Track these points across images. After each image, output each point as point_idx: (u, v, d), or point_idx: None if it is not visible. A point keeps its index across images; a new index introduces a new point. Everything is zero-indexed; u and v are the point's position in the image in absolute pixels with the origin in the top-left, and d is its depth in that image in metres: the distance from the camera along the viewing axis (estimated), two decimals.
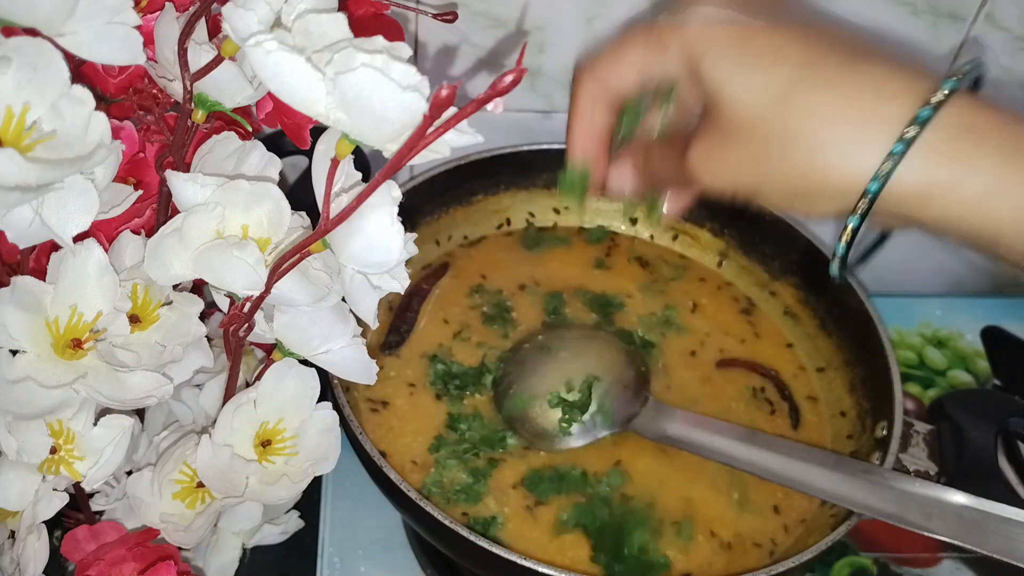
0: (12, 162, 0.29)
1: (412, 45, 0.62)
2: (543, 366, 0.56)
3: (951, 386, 0.70)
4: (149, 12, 0.39)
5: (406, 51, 0.30)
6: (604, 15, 0.61)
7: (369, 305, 0.35)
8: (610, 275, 0.64)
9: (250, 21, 0.31)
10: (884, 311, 0.58)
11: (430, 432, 0.54)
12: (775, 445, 0.52)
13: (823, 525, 0.51)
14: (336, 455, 0.42)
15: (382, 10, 0.44)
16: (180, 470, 0.41)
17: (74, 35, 0.31)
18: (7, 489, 0.38)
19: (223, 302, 0.39)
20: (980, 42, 0.63)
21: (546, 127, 0.67)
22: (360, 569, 0.57)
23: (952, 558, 0.60)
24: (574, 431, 0.53)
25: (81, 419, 0.37)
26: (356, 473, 0.50)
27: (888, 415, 0.52)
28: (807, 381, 0.60)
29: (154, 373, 0.37)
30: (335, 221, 0.32)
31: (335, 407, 0.42)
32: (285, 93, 0.30)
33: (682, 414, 0.54)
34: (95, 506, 0.43)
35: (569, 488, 0.52)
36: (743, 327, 0.63)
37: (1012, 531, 0.45)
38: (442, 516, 0.45)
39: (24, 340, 0.35)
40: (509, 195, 0.66)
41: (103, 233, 0.39)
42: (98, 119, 0.32)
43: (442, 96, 0.27)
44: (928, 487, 0.47)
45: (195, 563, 0.46)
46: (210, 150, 0.40)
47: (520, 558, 0.44)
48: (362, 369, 0.40)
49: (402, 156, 0.30)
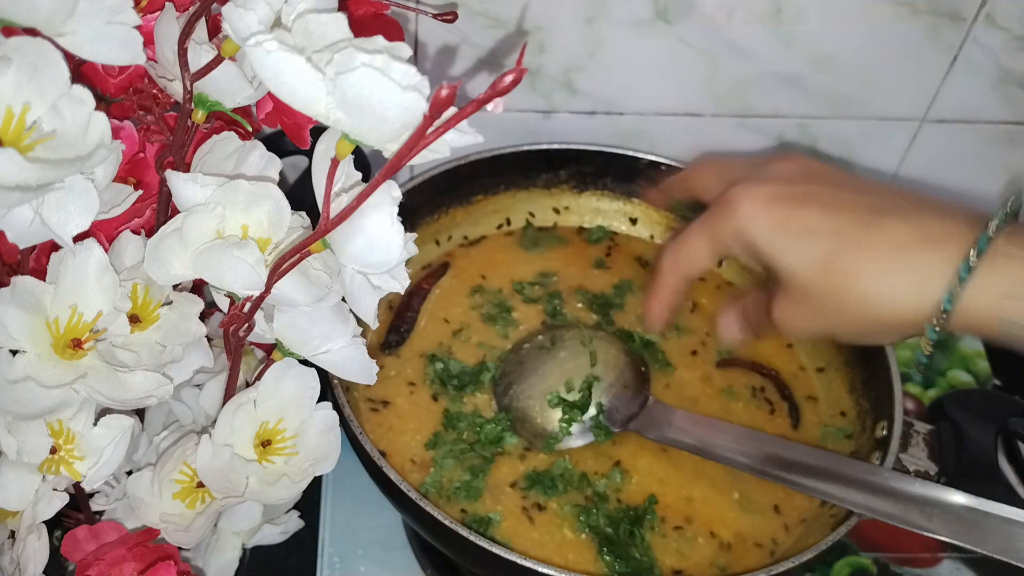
0: (12, 162, 0.29)
1: (412, 45, 0.62)
2: (543, 366, 0.56)
3: (951, 386, 0.70)
4: (149, 12, 0.39)
5: (406, 51, 0.30)
6: (604, 15, 0.61)
7: (369, 305, 0.35)
8: (610, 275, 0.64)
9: (250, 21, 0.31)
10: None
11: (430, 432, 0.54)
12: (775, 445, 0.52)
13: (823, 525, 0.51)
14: (336, 455, 0.42)
15: (382, 10, 0.44)
16: (180, 470, 0.41)
17: (74, 35, 0.31)
18: (7, 489, 0.38)
19: (223, 302, 0.39)
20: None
21: (546, 127, 0.67)
22: (360, 569, 0.57)
23: (952, 558, 0.60)
24: (574, 431, 0.53)
25: (81, 419, 0.37)
26: (356, 473, 0.50)
27: (888, 415, 0.52)
28: (807, 381, 0.60)
29: (154, 373, 0.37)
30: (335, 221, 0.32)
31: (335, 407, 0.42)
32: (285, 93, 0.30)
33: (682, 414, 0.54)
34: (95, 506, 0.43)
35: (569, 488, 0.52)
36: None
37: (1012, 531, 0.45)
38: (442, 516, 0.45)
39: (24, 340, 0.35)
40: (509, 195, 0.66)
41: (103, 233, 0.39)
42: (98, 119, 0.32)
43: (442, 96, 0.27)
44: (928, 487, 0.47)
45: (195, 563, 0.46)
46: (210, 150, 0.40)
47: (520, 558, 0.44)
48: (362, 369, 0.40)
49: (402, 156, 0.30)
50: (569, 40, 0.62)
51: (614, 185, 0.67)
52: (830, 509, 0.51)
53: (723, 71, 0.64)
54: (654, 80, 0.65)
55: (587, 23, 0.62)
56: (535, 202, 0.67)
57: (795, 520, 0.53)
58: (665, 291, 0.51)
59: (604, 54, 0.63)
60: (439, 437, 0.54)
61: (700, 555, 0.51)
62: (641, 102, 0.66)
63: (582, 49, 0.63)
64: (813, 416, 0.58)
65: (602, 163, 0.66)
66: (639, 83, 0.65)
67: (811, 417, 0.58)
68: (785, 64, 0.64)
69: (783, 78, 0.65)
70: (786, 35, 0.63)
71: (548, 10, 0.61)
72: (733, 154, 0.68)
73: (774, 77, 0.65)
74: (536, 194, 0.67)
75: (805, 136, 0.69)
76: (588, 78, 0.65)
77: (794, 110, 0.67)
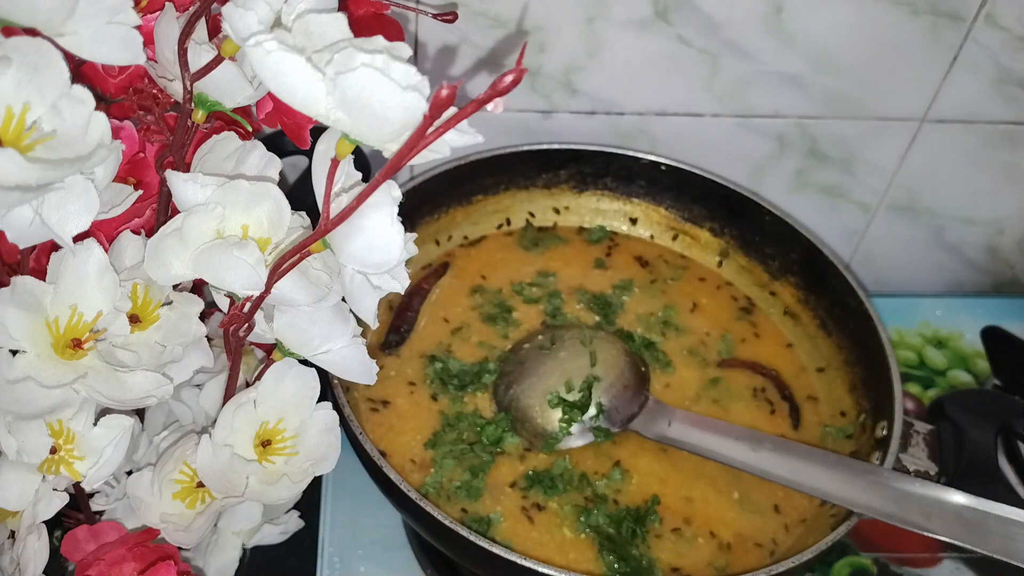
0: (12, 162, 0.29)
1: (412, 45, 0.62)
2: (543, 366, 0.56)
3: (951, 386, 0.70)
4: (149, 12, 0.39)
5: (406, 51, 0.30)
6: (604, 15, 0.61)
7: (369, 305, 0.35)
8: (610, 275, 0.64)
9: (250, 21, 0.31)
10: (884, 311, 0.58)
11: (430, 432, 0.54)
12: (775, 445, 0.52)
13: (823, 525, 0.51)
14: (336, 455, 0.42)
15: (382, 10, 0.44)
16: (180, 470, 0.41)
17: (74, 35, 0.31)
18: (7, 489, 0.37)
19: (223, 302, 0.39)
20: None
21: (546, 127, 0.67)
22: (360, 569, 0.57)
23: (952, 558, 0.60)
24: (574, 431, 0.53)
25: (81, 419, 0.37)
26: (356, 473, 0.50)
27: (888, 415, 0.52)
28: (807, 381, 0.60)
29: (154, 373, 0.37)
30: (335, 221, 0.32)
31: (335, 407, 0.41)
32: (285, 93, 0.30)
33: (682, 414, 0.55)
34: (95, 506, 0.43)
35: (569, 488, 0.52)
36: (743, 327, 0.63)
37: (1012, 531, 0.45)
38: (442, 516, 0.45)
39: (24, 340, 0.35)
40: (509, 195, 0.66)
41: (103, 233, 0.39)
42: (98, 119, 0.32)
43: (442, 96, 0.27)
44: (928, 487, 0.47)
45: (195, 563, 0.46)
46: (210, 150, 0.40)
47: (520, 558, 0.44)
48: (362, 369, 0.40)
49: (402, 156, 0.30)
50: (569, 40, 0.62)
51: (614, 185, 0.67)
52: (830, 509, 0.51)
53: (723, 71, 0.64)
54: (654, 80, 0.65)
55: (587, 23, 0.62)
56: (535, 202, 0.67)
57: (795, 520, 0.53)
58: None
59: (604, 54, 0.63)
60: (439, 437, 0.54)
61: (700, 555, 0.51)
62: (641, 102, 0.66)
63: (582, 49, 0.63)
64: (813, 416, 0.58)
65: (602, 163, 0.66)
66: (639, 83, 0.65)
67: (811, 417, 0.58)
68: (785, 64, 0.64)
69: (783, 78, 0.65)
70: (786, 35, 0.63)
71: (548, 10, 0.61)
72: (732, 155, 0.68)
73: (774, 77, 0.65)
74: (536, 194, 0.67)
75: (805, 136, 0.69)
76: (588, 78, 0.65)
77: (794, 110, 0.67)
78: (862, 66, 0.65)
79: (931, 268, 0.78)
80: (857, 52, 0.64)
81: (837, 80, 0.65)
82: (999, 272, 0.79)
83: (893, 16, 0.62)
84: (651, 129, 0.68)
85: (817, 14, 0.62)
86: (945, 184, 0.72)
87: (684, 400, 0.57)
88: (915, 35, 0.63)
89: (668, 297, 0.63)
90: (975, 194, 0.73)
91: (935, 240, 0.76)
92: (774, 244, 0.64)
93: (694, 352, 0.60)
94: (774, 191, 0.71)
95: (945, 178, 0.72)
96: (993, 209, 0.74)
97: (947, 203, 0.74)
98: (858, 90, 0.66)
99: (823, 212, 0.73)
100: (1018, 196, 0.73)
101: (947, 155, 0.70)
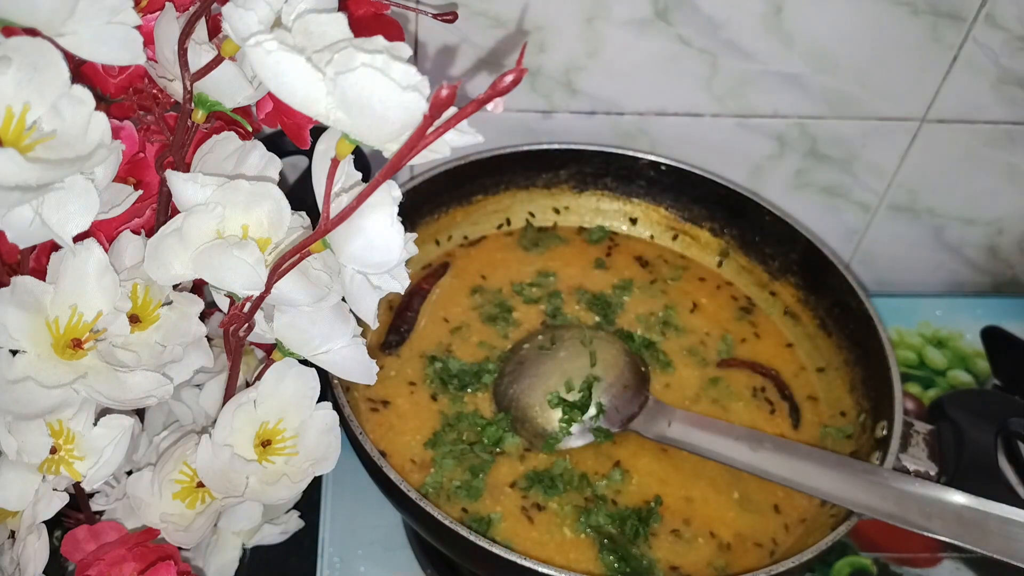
0: (12, 162, 0.29)
1: (412, 45, 0.62)
2: (543, 366, 0.56)
3: (951, 386, 0.70)
4: (149, 12, 0.39)
5: (406, 51, 0.30)
6: (604, 15, 0.61)
7: (369, 305, 0.35)
8: (610, 275, 0.64)
9: (250, 21, 0.31)
10: (884, 311, 0.58)
11: (430, 432, 0.54)
12: (775, 445, 0.52)
13: (823, 525, 0.51)
14: (336, 455, 0.41)
15: (382, 10, 0.44)
16: (180, 470, 0.41)
17: (74, 35, 0.31)
18: (7, 489, 0.37)
19: (223, 302, 0.39)
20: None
21: (546, 127, 0.67)
22: (360, 569, 0.57)
23: (952, 558, 0.60)
24: (574, 431, 0.53)
25: (81, 419, 0.37)
26: (356, 473, 0.50)
27: (888, 415, 0.52)
28: (807, 381, 0.60)
29: (154, 373, 0.37)
30: (335, 221, 0.32)
31: (335, 407, 0.41)
32: (285, 93, 0.30)
33: (682, 414, 0.55)
34: (95, 506, 0.43)
35: (569, 488, 0.52)
36: (743, 327, 0.63)
37: (1012, 531, 0.45)
38: (442, 516, 0.45)
39: (24, 340, 0.35)
40: (509, 195, 0.66)
41: (103, 233, 0.39)
42: (98, 119, 0.32)
43: (442, 96, 0.27)
44: (928, 487, 0.47)
45: (195, 563, 0.46)
46: (210, 150, 0.40)
47: (520, 558, 0.44)
48: (362, 369, 0.40)
49: (402, 156, 0.30)
50: (569, 40, 0.62)
51: (614, 185, 0.67)
52: (830, 509, 0.51)
53: (723, 71, 0.64)
54: (654, 80, 0.65)
55: (587, 23, 0.62)
56: (535, 202, 0.67)
57: (795, 520, 0.53)
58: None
59: (604, 54, 0.63)
60: (439, 437, 0.54)
61: (700, 555, 0.51)
62: (641, 102, 0.66)
63: (582, 49, 0.63)
64: (813, 416, 0.58)
65: (602, 163, 0.66)
66: (639, 83, 0.65)
67: (811, 417, 0.58)
68: (785, 64, 0.64)
69: (783, 78, 0.65)
70: (786, 35, 0.63)
71: (548, 10, 0.61)
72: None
73: (774, 77, 0.65)
74: (536, 194, 0.67)
75: (805, 136, 0.69)
76: (588, 78, 0.65)
77: (794, 110, 0.67)
78: (862, 66, 0.65)
79: (931, 268, 0.78)
80: (857, 52, 0.64)
81: (837, 80, 0.65)
82: (999, 272, 0.79)
83: (893, 16, 0.62)
84: (651, 129, 0.68)
85: (817, 14, 0.62)
86: (945, 184, 0.72)
87: (684, 400, 0.57)
88: (915, 35, 0.63)
89: (668, 297, 0.63)
90: (975, 194, 0.73)
91: (935, 240, 0.76)
92: (774, 244, 0.64)
93: (694, 352, 0.60)
94: (774, 191, 0.71)
95: (945, 178, 0.72)
96: (993, 209, 0.74)
97: (947, 203, 0.74)
98: (858, 90, 0.66)
99: (823, 212, 0.73)
100: (1018, 196, 0.73)
101: (947, 155, 0.70)
